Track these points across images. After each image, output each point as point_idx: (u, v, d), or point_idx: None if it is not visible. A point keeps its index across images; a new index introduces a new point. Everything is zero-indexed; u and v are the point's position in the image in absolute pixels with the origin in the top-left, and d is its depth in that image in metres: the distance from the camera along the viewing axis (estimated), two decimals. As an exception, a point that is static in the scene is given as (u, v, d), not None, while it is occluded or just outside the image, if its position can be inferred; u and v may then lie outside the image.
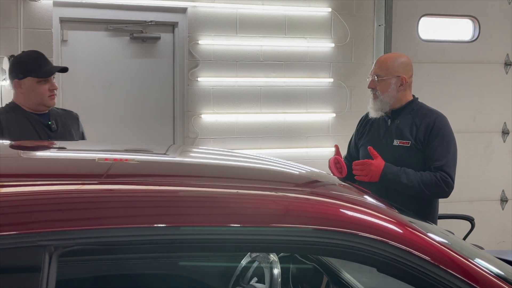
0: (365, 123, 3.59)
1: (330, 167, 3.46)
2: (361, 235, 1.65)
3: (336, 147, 3.48)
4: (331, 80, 5.64)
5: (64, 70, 3.61)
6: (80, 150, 2.69)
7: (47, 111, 3.47)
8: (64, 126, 3.51)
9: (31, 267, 1.44)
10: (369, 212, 1.79)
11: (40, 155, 2.49)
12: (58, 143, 3.13)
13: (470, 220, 4.07)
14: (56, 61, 4.95)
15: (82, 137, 3.66)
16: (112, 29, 5.19)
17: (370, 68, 5.66)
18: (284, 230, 1.64)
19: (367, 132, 3.55)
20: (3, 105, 3.52)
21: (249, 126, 5.46)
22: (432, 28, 5.93)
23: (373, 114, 3.47)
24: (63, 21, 5.06)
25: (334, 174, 3.40)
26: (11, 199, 1.58)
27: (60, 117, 3.52)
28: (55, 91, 3.46)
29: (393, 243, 1.66)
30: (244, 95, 5.43)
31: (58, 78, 4.92)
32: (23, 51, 3.63)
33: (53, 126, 3.43)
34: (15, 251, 1.43)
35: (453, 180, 3.27)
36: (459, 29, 6.07)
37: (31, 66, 3.40)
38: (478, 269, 1.76)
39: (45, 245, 1.44)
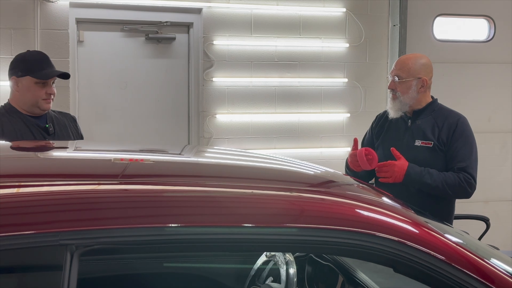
0: (383, 122, 3.56)
1: (358, 159, 3.28)
2: (379, 236, 1.66)
3: (355, 140, 3.45)
4: (346, 80, 5.65)
5: (65, 76, 3.42)
6: (96, 150, 2.72)
7: (43, 114, 3.35)
8: (62, 129, 3.39)
9: (53, 265, 1.46)
10: (386, 212, 1.80)
11: (59, 155, 2.52)
12: (74, 143, 3.15)
13: (485, 220, 4.06)
14: (72, 62, 4.99)
15: (81, 138, 3.53)
16: (128, 30, 5.23)
17: (385, 68, 5.73)
18: (300, 230, 1.66)
19: (385, 132, 3.53)
20: None
21: (263, 126, 5.47)
22: (447, 28, 5.92)
23: (392, 115, 3.45)
24: (79, 22, 5.10)
25: (361, 166, 3.28)
26: (33, 198, 1.61)
27: (57, 120, 3.40)
28: (52, 96, 3.33)
29: (410, 243, 1.67)
30: (259, 95, 5.44)
31: (74, 78, 4.98)
32: (28, 50, 3.51)
33: (50, 129, 3.31)
34: (37, 250, 1.46)
35: (475, 181, 3.29)
36: (474, 29, 6.05)
37: (32, 66, 3.28)
38: (494, 269, 1.76)
39: (67, 244, 1.46)
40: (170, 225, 1.59)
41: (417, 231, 1.76)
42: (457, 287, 1.66)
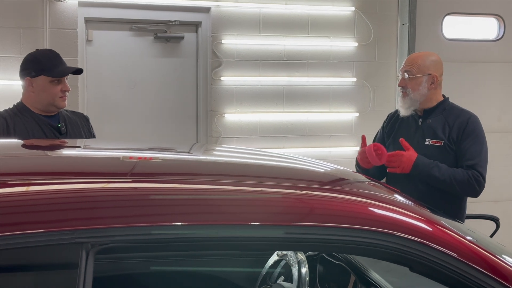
0: (394, 121, 3.56)
1: (367, 155, 3.28)
2: (398, 235, 1.65)
3: (363, 137, 3.44)
4: (354, 79, 5.64)
5: (79, 71, 3.48)
6: (108, 148, 2.71)
7: (56, 113, 3.36)
8: (74, 128, 3.40)
9: (69, 264, 1.46)
10: (405, 212, 1.79)
11: (73, 153, 2.52)
12: (85, 142, 3.15)
13: (495, 220, 4.04)
14: (81, 61, 5.00)
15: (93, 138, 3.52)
16: (136, 29, 5.23)
17: (394, 67, 5.72)
18: (319, 229, 1.64)
19: (396, 131, 3.52)
20: (11, 106, 3.38)
21: (272, 125, 5.47)
22: (456, 27, 5.90)
23: (403, 113, 3.45)
24: (88, 21, 5.11)
25: (371, 162, 3.28)
26: (48, 197, 1.61)
27: (69, 119, 3.41)
28: (67, 92, 3.34)
29: (429, 243, 1.67)
30: (267, 94, 5.44)
31: (82, 77, 4.99)
32: (37, 49, 3.50)
33: (62, 128, 3.32)
34: (53, 248, 1.46)
35: (484, 180, 3.28)
36: (484, 28, 6.03)
37: (45, 65, 3.28)
38: (510, 268, 1.76)
39: (82, 242, 1.46)
40: (183, 224, 1.59)
41: (437, 231, 1.75)
42: (474, 286, 1.65)
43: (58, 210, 1.54)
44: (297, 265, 2.30)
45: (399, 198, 2.04)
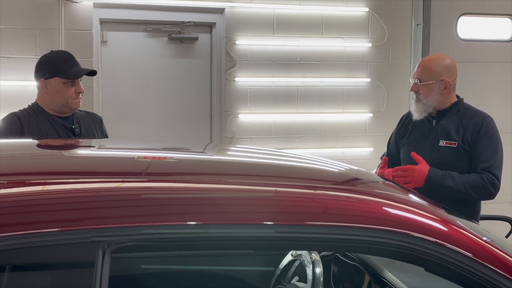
0: (407, 123, 3.54)
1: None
2: (414, 236, 1.65)
3: (386, 159, 3.44)
4: (368, 80, 5.62)
5: (92, 73, 3.49)
6: (125, 148, 2.73)
7: (70, 114, 3.37)
8: (88, 130, 3.41)
9: (85, 263, 1.47)
10: (422, 213, 1.79)
11: (90, 153, 2.54)
12: (100, 142, 3.17)
13: (510, 221, 4.02)
14: (96, 62, 5.02)
15: None
16: (151, 30, 5.25)
17: (408, 68, 5.71)
18: (336, 229, 1.65)
19: (409, 132, 3.50)
20: (26, 107, 3.40)
21: (285, 126, 5.47)
22: (471, 27, 5.87)
23: (416, 116, 3.42)
24: (103, 22, 5.13)
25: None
26: (65, 196, 1.62)
27: (83, 120, 3.42)
28: (80, 94, 3.35)
29: (445, 244, 1.67)
30: (281, 95, 5.44)
31: (97, 78, 5.01)
32: (51, 51, 3.51)
33: (76, 129, 3.33)
34: (70, 247, 1.47)
35: (499, 181, 3.25)
36: (498, 28, 5.99)
37: (59, 67, 3.29)
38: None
39: (99, 241, 1.47)
40: (199, 223, 1.60)
41: (452, 231, 1.75)
42: (490, 287, 1.65)
43: (74, 209, 1.55)
44: (311, 265, 2.30)
45: (414, 198, 2.04)
